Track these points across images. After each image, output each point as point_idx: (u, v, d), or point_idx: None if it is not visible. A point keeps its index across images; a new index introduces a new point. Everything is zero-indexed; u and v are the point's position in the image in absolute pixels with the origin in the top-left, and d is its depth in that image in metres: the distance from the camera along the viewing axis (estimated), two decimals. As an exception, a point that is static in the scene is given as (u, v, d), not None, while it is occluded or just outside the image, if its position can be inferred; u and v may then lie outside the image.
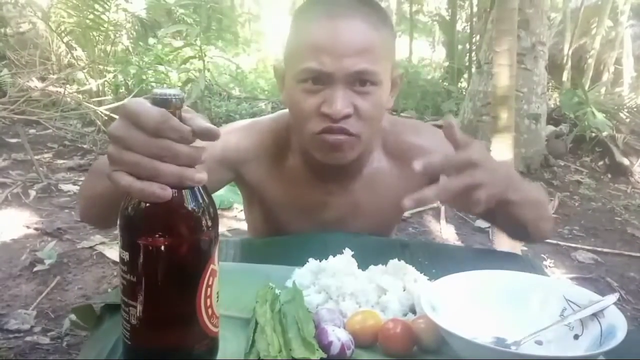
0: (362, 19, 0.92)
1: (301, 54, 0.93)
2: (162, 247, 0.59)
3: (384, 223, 1.16)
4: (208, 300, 0.61)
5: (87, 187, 0.96)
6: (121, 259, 0.60)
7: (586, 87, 5.38)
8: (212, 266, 0.61)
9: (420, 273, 0.85)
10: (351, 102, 0.92)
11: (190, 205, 0.60)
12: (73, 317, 0.85)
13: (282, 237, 1.09)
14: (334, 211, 1.08)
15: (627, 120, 5.22)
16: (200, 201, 0.61)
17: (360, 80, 0.92)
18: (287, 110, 1.11)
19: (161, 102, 0.59)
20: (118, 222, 0.61)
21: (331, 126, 0.92)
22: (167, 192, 0.55)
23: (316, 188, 1.07)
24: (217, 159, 1.03)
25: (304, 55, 0.92)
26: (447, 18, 7.48)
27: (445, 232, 3.18)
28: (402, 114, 5.73)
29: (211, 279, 0.61)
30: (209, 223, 0.61)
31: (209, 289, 0.61)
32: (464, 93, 5.49)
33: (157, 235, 0.58)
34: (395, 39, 1.05)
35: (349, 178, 1.07)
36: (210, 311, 0.62)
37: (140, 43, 5.74)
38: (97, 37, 5.24)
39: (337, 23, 0.91)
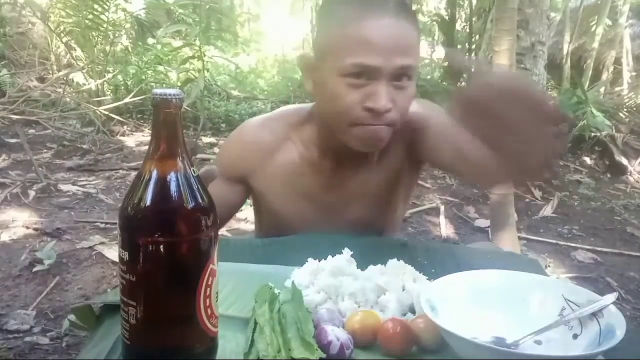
0: (404, 17, 0.96)
1: (348, 48, 0.95)
2: (162, 247, 0.59)
3: (384, 210, 1.17)
4: (207, 300, 0.61)
5: None
6: (121, 258, 0.60)
7: (585, 87, 5.39)
8: (211, 266, 0.61)
9: (420, 273, 0.85)
10: (392, 97, 0.95)
11: (189, 205, 0.60)
12: (72, 317, 0.85)
13: (282, 237, 1.09)
14: (340, 194, 1.11)
15: (627, 119, 5.22)
16: (200, 201, 0.61)
17: (399, 76, 0.95)
18: (286, 108, 1.14)
19: (161, 102, 0.59)
20: (118, 222, 0.61)
21: (374, 122, 0.96)
22: None
23: (322, 172, 1.10)
24: (226, 177, 1.09)
25: (353, 50, 0.94)
26: (447, 18, 7.47)
27: (445, 232, 3.18)
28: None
29: (211, 278, 0.61)
30: (209, 223, 0.61)
31: (208, 289, 0.61)
32: (464, 93, 5.47)
33: (156, 235, 0.59)
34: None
35: (358, 162, 1.10)
36: (209, 311, 0.62)
37: (140, 43, 5.74)
38: (96, 37, 5.23)
39: (385, 21, 0.95)
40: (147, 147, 0.62)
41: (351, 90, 0.95)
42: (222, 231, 2.70)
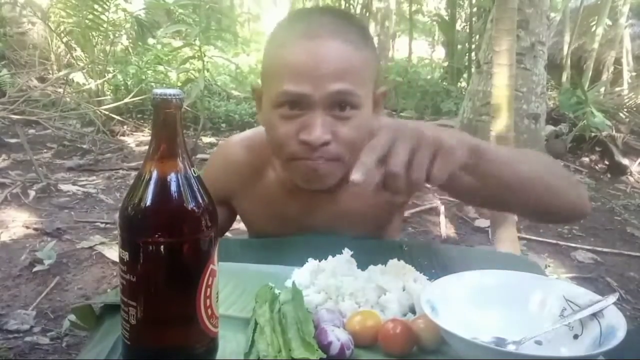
0: (342, 39, 0.87)
1: (277, 76, 0.88)
2: (162, 247, 0.59)
3: (374, 226, 1.13)
4: (208, 300, 0.61)
5: None
6: (121, 259, 0.60)
7: (585, 87, 5.39)
8: (211, 266, 0.61)
9: (420, 273, 0.85)
10: (330, 129, 0.87)
11: (189, 205, 0.60)
12: (72, 317, 0.84)
13: (282, 237, 1.09)
14: (321, 219, 1.06)
15: (627, 120, 5.22)
16: (200, 201, 0.61)
17: (340, 105, 0.87)
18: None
19: (161, 102, 0.59)
20: (118, 222, 0.61)
21: (310, 156, 0.89)
22: None
23: (300, 198, 1.04)
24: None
25: (281, 77, 0.87)
26: (447, 18, 7.48)
27: (445, 232, 3.18)
28: (401, 114, 5.73)
29: (211, 279, 0.61)
30: (209, 223, 0.61)
31: (208, 289, 0.61)
32: (464, 93, 5.49)
33: (157, 236, 0.58)
34: (377, 57, 1.00)
35: (335, 187, 1.02)
36: (210, 311, 0.62)
37: (140, 43, 5.74)
38: (96, 37, 5.24)
39: (316, 43, 0.86)
40: (147, 147, 0.62)
41: (285, 122, 0.88)
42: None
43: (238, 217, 1.17)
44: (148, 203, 0.59)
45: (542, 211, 0.93)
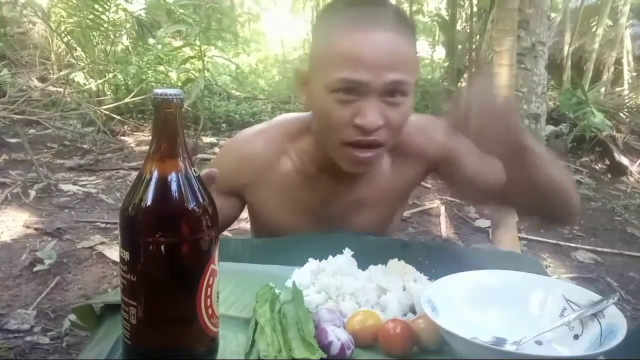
0: (397, 31, 0.93)
1: (336, 63, 0.92)
2: (163, 247, 0.59)
3: (388, 220, 1.17)
4: (208, 300, 0.61)
5: None
6: (121, 258, 0.60)
7: (586, 87, 5.38)
8: (212, 266, 0.61)
9: (420, 273, 0.85)
10: (383, 114, 0.92)
11: (190, 205, 0.60)
12: (73, 317, 0.84)
13: (282, 237, 1.09)
14: (337, 208, 1.09)
15: (627, 120, 5.22)
16: (201, 201, 0.61)
17: (391, 92, 0.92)
18: (282, 117, 1.12)
19: (162, 102, 0.59)
20: (118, 222, 0.61)
21: (363, 139, 0.93)
22: None
23: (317, 186, 1.08)
24: (220, 190, 1.04)
25: (340, 64, 0.91)
26: (447, 18, 7.47)
27: (445, 232, 3.17)
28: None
29: (211, 279, 0.61)
30: (209, 223, 0.61)
31: (209, 289, 0.61)
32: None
33: (157, 235, 0.59)
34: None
35: (354, 176, 1.08)
36: (210, 311, 0.62)
37: (140, 43, 5.74)
38: (96, 37, 5.23)
39: (374, 35, 0.91)
40: (147, 147, 0.62)
41: (340, 107, 0.92)
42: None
43: (238, 218, 1.17)
44: (149, 203, 0.59)
45: (547, 213, 1.03)
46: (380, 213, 1.13)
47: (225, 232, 2.78)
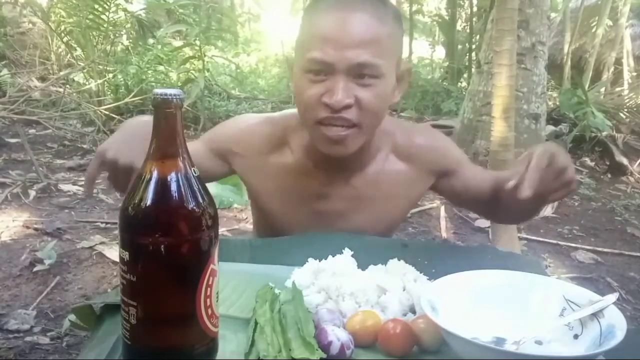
0: (369, 12, 0.94)
1: (307, 44, 0.96)
2: (163, 247, 0.59)
3: (387, 222, 1.17)
4: (208, 300, 0.61)
5: None
6: (121, 258, 0.60)
7: (586, 87, 5.38)
8: (212, 266, 0.61)
9: (420, 273, 0.85)
10: (352, 93, 0.94)
11: (190, 205, 0.60)
12: (73, 317, 0.85)
13: (282, 237, 1.09)
14: (334, 203, 1.10)
15: (627, 120, 5.22)
16: (200, 201, 0.61)
17: (359, 73, 0.94)
18: (289, 110, 1.13)
19: (162, 102, 0.59)
20: (118, 222, 0.61)
21: (331, 116, 0.95)
22: None
23: (315, 179, 1.09)
24: (209, 146, 1.11)
25: (310, 45, 0.95)
26: (447, 18, 7.48)
27: (445, 232, 3.17)
28: (402, 114, 5.73)
29: (211, 278, 0.61)
30: (209, 223, 0.61)
31: (208, 289, 0.61)
32: (464, 93, 5.49)
33: (157, 235, 0.59)
34: (402, 36, 1.06)
35: (351, 171, 1.09)
36: (210, 311, 0.62)
37: (140, 43, 5.74)
38: (96, 37, 5.23)
39: (343, 14, 0.93)
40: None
41: (311, 86, 0.95)
42: (222, 231, 2.71)
43: (238, 217, 1.17)
44: (148, 203, 0.59)
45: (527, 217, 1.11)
46: (379, 213, 1.13)
47: (225, 232, 2.79)
